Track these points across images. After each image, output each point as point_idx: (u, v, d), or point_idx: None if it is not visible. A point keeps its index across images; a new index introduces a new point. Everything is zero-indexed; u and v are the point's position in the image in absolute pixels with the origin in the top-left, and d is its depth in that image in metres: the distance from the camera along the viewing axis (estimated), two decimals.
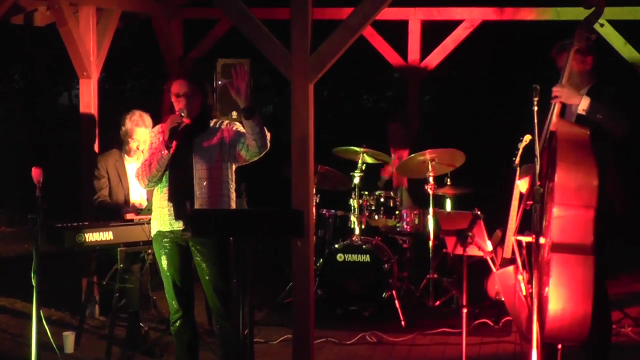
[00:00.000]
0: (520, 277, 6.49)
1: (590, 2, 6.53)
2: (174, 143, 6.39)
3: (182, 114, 6.36)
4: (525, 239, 6.45)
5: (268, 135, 6.34)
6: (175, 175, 6.46)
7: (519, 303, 6.52)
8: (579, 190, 6.19)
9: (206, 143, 6.46)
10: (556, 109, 6.48)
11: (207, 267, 6.45)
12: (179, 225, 6.44)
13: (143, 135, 8.05)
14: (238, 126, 6.50)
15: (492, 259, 7.04)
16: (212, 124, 6.55)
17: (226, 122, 6.58)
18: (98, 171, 8.21)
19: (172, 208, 6.45)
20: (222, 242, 6.46)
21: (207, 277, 6.47)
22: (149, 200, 7.89)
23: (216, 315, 6.65)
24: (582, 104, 6.42)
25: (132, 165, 8.16)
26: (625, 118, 6.43)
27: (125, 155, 8.23)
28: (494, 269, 6.99)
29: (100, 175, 8.20)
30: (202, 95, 6.52)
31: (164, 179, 6.48)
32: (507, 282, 6.67)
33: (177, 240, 6.50)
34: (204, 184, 6.39)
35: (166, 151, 6.36)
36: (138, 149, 8.13)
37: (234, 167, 6.59)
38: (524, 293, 6.44)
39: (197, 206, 6.35)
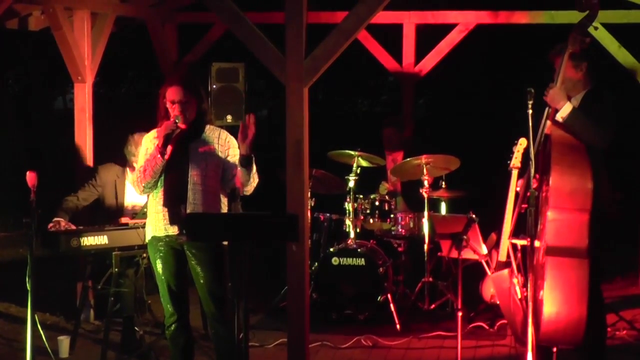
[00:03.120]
0: (515, 281, 6.50)
1: (584, 6, 6.54)
2: (169, 149, 6.39)
3: (177, 121, 6.36)
4: (520, 242, 6.46)
5: (256, 181, 6.38)
6: (170, 180, 6.45)
7: (514, 306, 6.53)
8: (573, 194, 6.20)
9: (202, 149, 6.46)
10: (551, 112, 6.48)
11: (201, 271, 6.45)
12: (173, 231, 6.44)
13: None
14: (234, 150, 6.50)
15: (487, 262, 7.05)
16: (207, 129, 6.55)
17: (224, 136, 6.55)
18: (94, 181, 8.18)
19: (166, 213, 6.45)
20: (217, 246, 6.46)
21: (201, 281, 6.47)
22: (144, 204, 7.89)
23: (211, 320, 6.64)
24: (563, 111, 6.42)
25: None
26: (603, 133, 6.40)
27: (128, 174, 8.17)
28: (489, 272, 7.00)
29: (94, 184, 8.17)
30: (197, 101, 6.51)
31: (158, 184, 6.49)
32: (502, 285, 6.68)
33: (172, 244, 6.50)
34: (199, 189, 6.39)
35: (160, 158, 6.36)
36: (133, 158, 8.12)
37: None
38: (519, 296, 6.45)
39: (189, 211, 6.35)
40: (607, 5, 7.89)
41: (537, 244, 6.33)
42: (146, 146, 6.62)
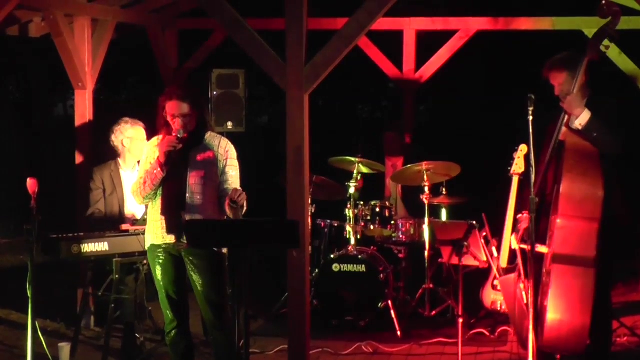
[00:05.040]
0: (521, 286, 6.49)
1: (607, 13, 6.48)
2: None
3: (179, 135, 6.36)
4: (526, 247, 6.44)
5: (245, 209, 6.33)
6: (169, 188, 6.45)
7: (519, 311, 6.52)
8: (583, 202, 6.18)
9: (200, 157, 6.46)
10: (566, 118, 6.46)
11: (200, 278, 6.45)
12: (170, 239, 6.44)
13: (132, 132, 8.05)
14: (232, 161, 6.52)
15: (493, 262, 7.01)
16: (207, 136, 6.55)
17: (224, 144, 6.55)
18: (93, 183, 8.19)
19: (164, 221, 6.45)
20: (216, 254, 6.45)
21: (199, 289, 6.47)
22: (145, 211, 7.89)
23: (210, 327, 6.65)
24: (581, 119, 6.38)
25: (127, 173, 8.15)
26: (619, 139, 6.40)
27: (121, 165, 8.20)
28: (497, 275, 6.98)
29: (95, 187, 8.17)
30: (198, 112, 6.50)
31: (157, 192, 6.48)
32: (509, 289, 6.67)
33: (170, 251, 6.50)
34: (198, 197, 6.39)
35: (161, 172, 6.35)
36: (131, 138, 8.08)
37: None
38: (526, 301, 6.43)
39: (188, 219, 6.34)
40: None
41: (543, 249, 6.32)
42: (147, 154, 6.62)
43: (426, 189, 8.93)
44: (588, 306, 6.15)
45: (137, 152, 8.05)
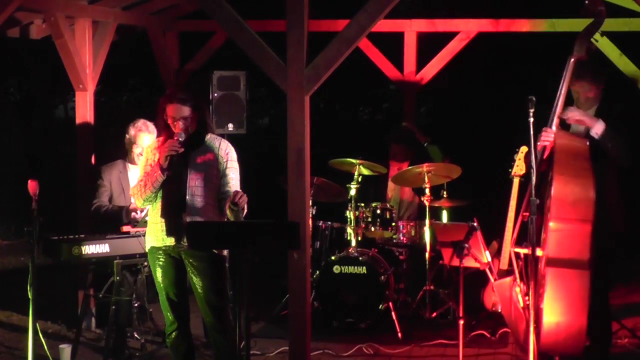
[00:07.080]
0: (517, 289, 6.48)
1: (591, 13, 6.52)
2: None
3: (180, 138, 6.36)
4: (522, 251, 6.45)
5: (245, 212, 6.35)
6: (169, 190, 6.45)
7: (515, 314, 6.53)
8: (575, 204, 6.17)
9: (200, 158, 6.46)
10: (555, 121, 6.46)
11: (200, 281, 6.45)
12: (171, 241, 6.44)
13: (147, 140, 8.05)
14: (232, 163, 6.54)
15: (489, 268, 7.03)
16: (208, 138, 6.55)
17: (224, 146, 6.56)
18: (101, 181, 8.18)
19: (164, 224, 6.45)
20: (215, 256, 6.45)
21: (199, 291, 6.47)
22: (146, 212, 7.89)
23: (210, 329, 6.65)
24: (597, 128, 6.38)
25: (135, 172, 8.14)
26: (631, 151, 6.40)
27: (129, 165, 8.21)
28: (492, 279, 7.00)
29: (102, 185, 8.17)
30: (199, 114, 6.51)
31: (158, 194, 6.48)
32: (505, 293, 6.67)
33: (171, 253, 6.50)
34: (198, 200, 6.39)
35: (161, 174, 6.35)
36: (141, 154, 8.11)
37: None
38: (522, 304, 6.44)
39: (188, 221, 6.34)
40: (608, 14, 7.86)
41: (540, 252, 6.32)
42: (146, 157, 6.62)
43: (427, 190, 8.94)
44: (584, 308, 6.14)
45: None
